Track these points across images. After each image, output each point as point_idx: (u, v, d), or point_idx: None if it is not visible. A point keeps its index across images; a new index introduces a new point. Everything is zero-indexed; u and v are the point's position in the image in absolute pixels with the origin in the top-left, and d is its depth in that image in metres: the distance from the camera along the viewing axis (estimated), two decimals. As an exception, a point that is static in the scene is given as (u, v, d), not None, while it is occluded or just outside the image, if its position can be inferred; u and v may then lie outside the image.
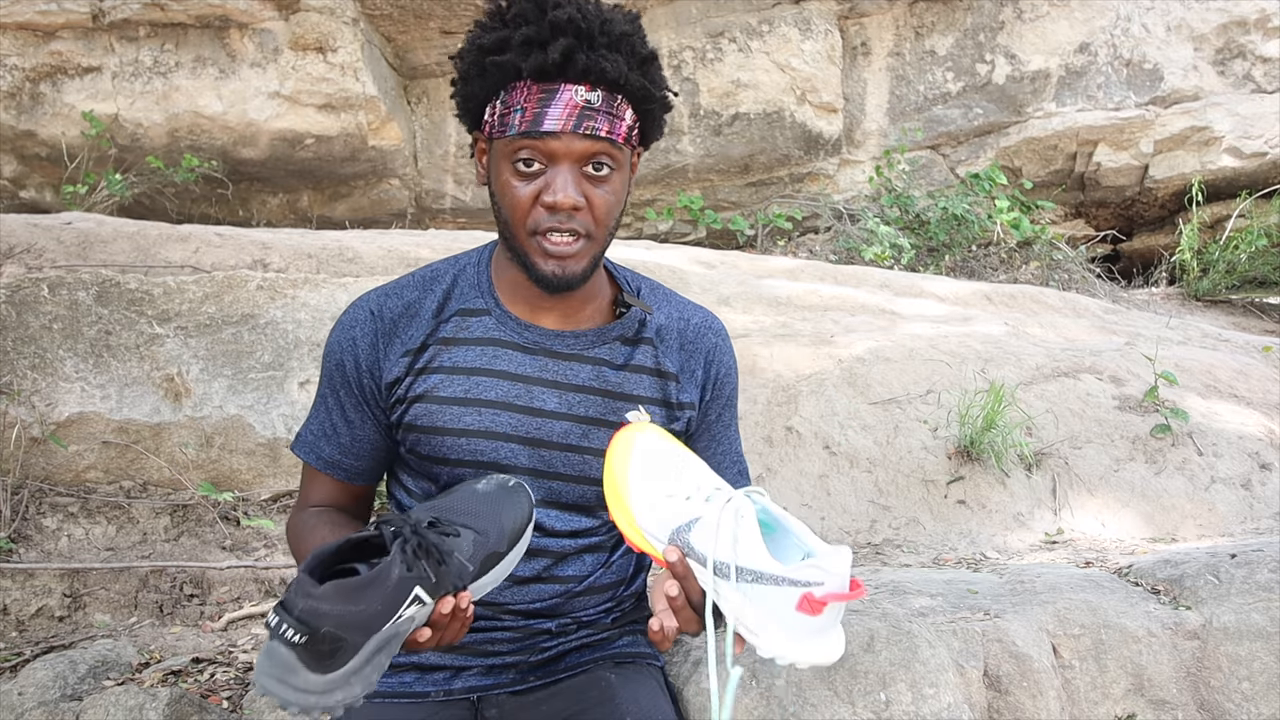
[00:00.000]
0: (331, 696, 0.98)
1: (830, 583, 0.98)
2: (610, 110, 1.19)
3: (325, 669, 0.97)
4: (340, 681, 0.98)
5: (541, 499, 1.29)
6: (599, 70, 1.16)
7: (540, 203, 1.18)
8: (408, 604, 1.01)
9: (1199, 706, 1.60)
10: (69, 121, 5.00)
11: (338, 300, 2.73)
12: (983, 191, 5.58)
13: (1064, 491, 2.64)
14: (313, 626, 0.96)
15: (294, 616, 0.96)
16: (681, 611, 1.08)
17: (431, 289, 1.31)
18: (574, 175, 1.18)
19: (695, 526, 1.07)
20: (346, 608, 0.98)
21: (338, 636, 0.97)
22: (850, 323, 3.49)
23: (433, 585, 1.03)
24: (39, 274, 2.72)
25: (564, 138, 1.16)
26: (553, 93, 1.17)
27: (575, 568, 1.32)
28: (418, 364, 1.27)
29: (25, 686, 1.53)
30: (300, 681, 0.97)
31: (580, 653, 1.34)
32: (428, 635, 1.05)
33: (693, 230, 5.91)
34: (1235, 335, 4.18)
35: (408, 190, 5.65)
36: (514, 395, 1.26)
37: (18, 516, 2.18)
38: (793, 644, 1.01)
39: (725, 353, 1.39)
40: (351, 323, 1.29)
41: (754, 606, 1.02)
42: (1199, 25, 5.80)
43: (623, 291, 1.34)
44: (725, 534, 1.03)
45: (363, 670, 1.00)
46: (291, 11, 5.00)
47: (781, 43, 5.64)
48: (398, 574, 1.01)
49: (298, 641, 0.96)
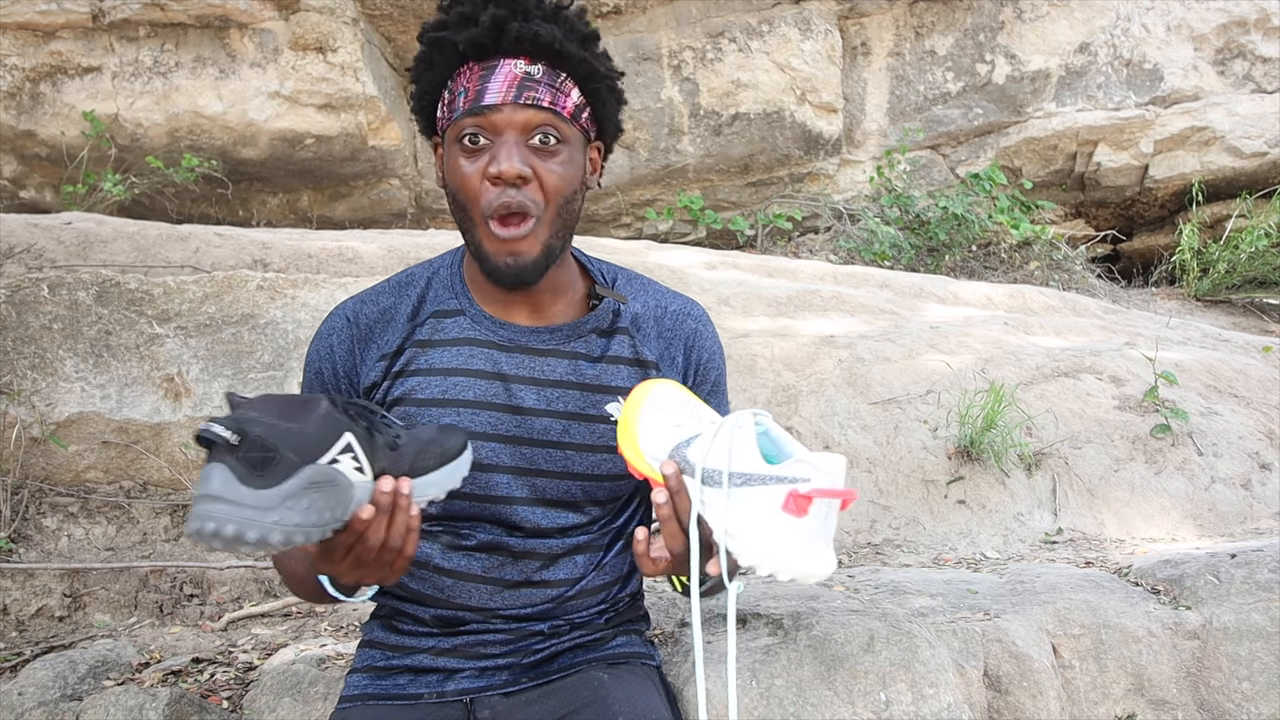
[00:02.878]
0: (266, 515, 0.93)
1: (817, 479, 0.94)
2: (552, 84, 1.19)
3: (259, 484, 0.93)
4: (275, 499, 0.94)
5: (526, 497, 1.28)
6: (533, 37, 1.17)
7: (486, 176, 1.18)
8: (341, 449, 0.99)
9: (1199, 706, 1.60)
10: (69, 121, 5.00)
11: (337, 300, 2.72)
12: (983, 191, 5.58)
13: (1064, 491, 2.64)
14: (244, 427, 0.93)
15: (226, 419, 0.94)
16: (667, 523, 1.08)
17: (406, 293, 1.32)
18: (518, 147, 1.18)
19: (694, 442, 1.05)
20: (275, 420, 0.95)
21: (269, 444, 0.94)
22: (850, 323, 3.49)
23: (366, 441, 1.02)
24: (39, 274, 2.72)
25: (505, 109, 1.17)
26: (492, 69, 1.18)
27: (566, 570, 1.31)
28: (395, 368, 1.28)
29: (25, 686, 1.53)
30: (234, 494, 0.92)
31: (573, 653, 1.33)
32: (370, 513, 1.03)
33: (693, 230, 5.91)
34: (1235, 335, 4.18)
35: (408, 190, 5.65)
36: (492, 394, 1.26)
37: (18, 516, 2.18)
38: (776, 551, 0.96)
39: (707, 338, 1.38)
40: (329, 331, 1.30)
41: (739, 510, 0.98)
42: (1199, 25, 5.80)
43: (596, 284, 1.34)
44: (720, 444, 1.01)
45: (299, 498, 0.95)
46: (291, 11, 5.00)
47: (781, 43, 5.64)
48: (326, 406, 0.99)
49: (230, 441, 0.92)
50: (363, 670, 1.32)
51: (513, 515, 1.28)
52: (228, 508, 0.92)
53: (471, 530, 1.29)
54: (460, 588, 1.29)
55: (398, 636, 1.32)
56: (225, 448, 0.93)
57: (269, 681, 1.58)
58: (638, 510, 1.40)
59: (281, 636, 1.93)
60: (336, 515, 1.00)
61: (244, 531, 0.92)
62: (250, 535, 0.92)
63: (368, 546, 1.06)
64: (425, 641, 1.31)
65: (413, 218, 5.76)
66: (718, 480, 1.00)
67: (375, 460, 1.04)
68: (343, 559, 1.07)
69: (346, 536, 1.05)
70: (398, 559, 1.09)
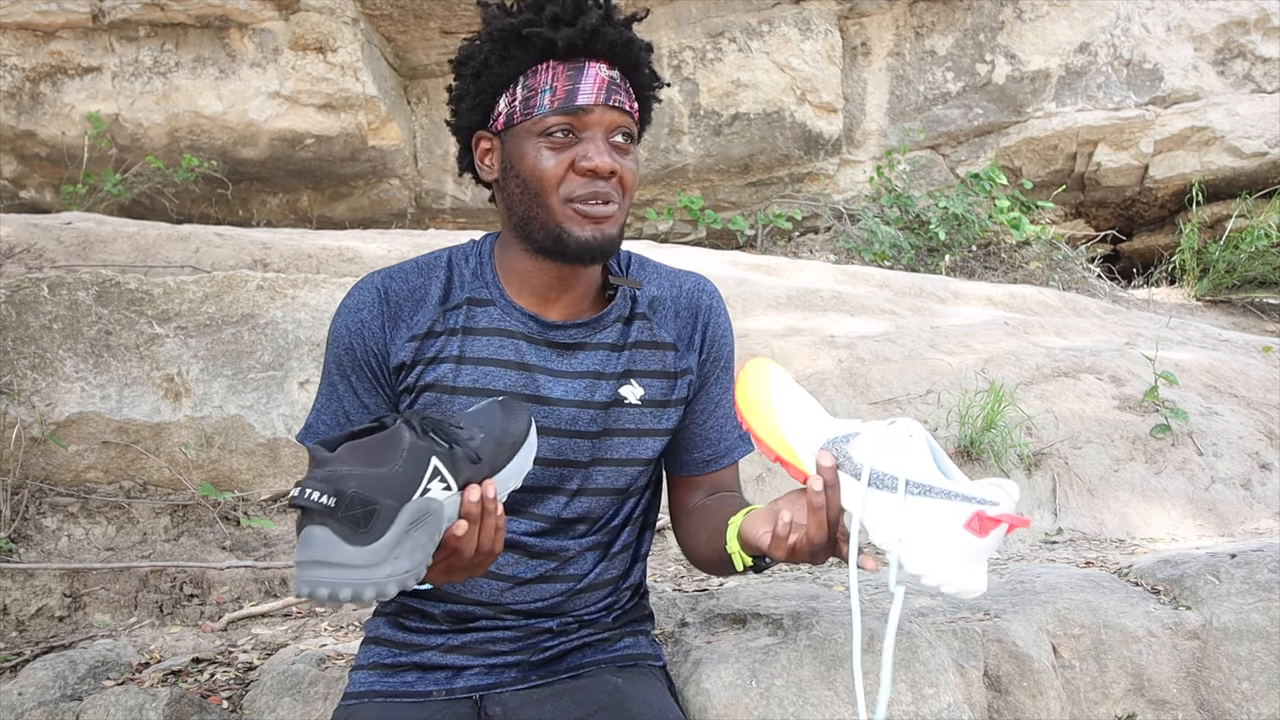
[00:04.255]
0: (379, 570, 0.91)
1: (1005, 504, 0.96)
2: (627, 89, 1.26)
3: (363, 540, 0.91)
4: (384, 552, 0.92)
5: (552, 485, 1.30)
6: (624, 44, 1.23)
7: (575, 169, 1.22)
8: (429, 475, 0.98)
9: (1199, 706, 1.60)
10: (69, 121, 5.00)
11: (337, 300, 2.73)
12: (983, 191, 5.58)
13: (1064, 491, 2.64)
14: (338, 487, 0.91)
15: (318, 481, 0.91)
16: (816, 513, 1.09)
17: (435, 274, 1.32)
18: (607, 144, 1.23)
19: (854, 439, 1.06)
20: (367, 468, 0.93)
21: (367, 499, 0.92)
22: (850, 323, 3.49)
23: (449, 459, 1.01)
24: (39, 274, 2.72)
25: (596, 110, 1.22)
26: (580, 69, 1.23)
27: (576, 565, 1.33)
28: (426, 353, 1.28)
29: (25, 686, 1.53)
30: (342, 556, 0.90)
31: (581, 653, 1.34)
32: (464, 528, 1.04)
33: (693, 230, 5.91)
34: (1235, 335, 4.18)
35: (408, 190, 5.65)
36: (521, 384, 1.28)
37: (18, 516, 2.18)
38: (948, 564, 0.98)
39: (719, 314, 1.42)
40: (358, 305, 1.29)
41: (916, 519, 0.99)
42: (1199, 25, 5.80)
43: (610, 274, 1.36)
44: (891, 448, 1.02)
45: (403, 542, 0.94)
46: (291, 11, 5.00)
47: (781, 43, 5.64)
48: (409, 437, 0.97)
49: (328, 504, 0.90)
50: (369, 667, 1.32)
51: (535, 505, 1.30)
52: (337, 572, 0.90)
53: None
54: (472, 583, 1.29)
55: (405, 634, 1.33)
56: (323, 511, 0.91)
57: (269, 681, 1.58)
58: (640, 501, 1.40)
59: (281, 636, 1.93)
60: (435, 541, 1.00)
61: (361, 592, 0.91)
62: (368, 595, 0.91)
63: (463, 557, 1.07)
64: (434, 639, 1.31)
65: (413, 218, 5.76)
66: (890, 485, 1.01)
67: (459, 474, 1.03)
68: (436, 571, 1.07)
69: (441, 553, 1.06)
70: (489, 558, 1.11)
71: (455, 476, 1.02)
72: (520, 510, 1.30)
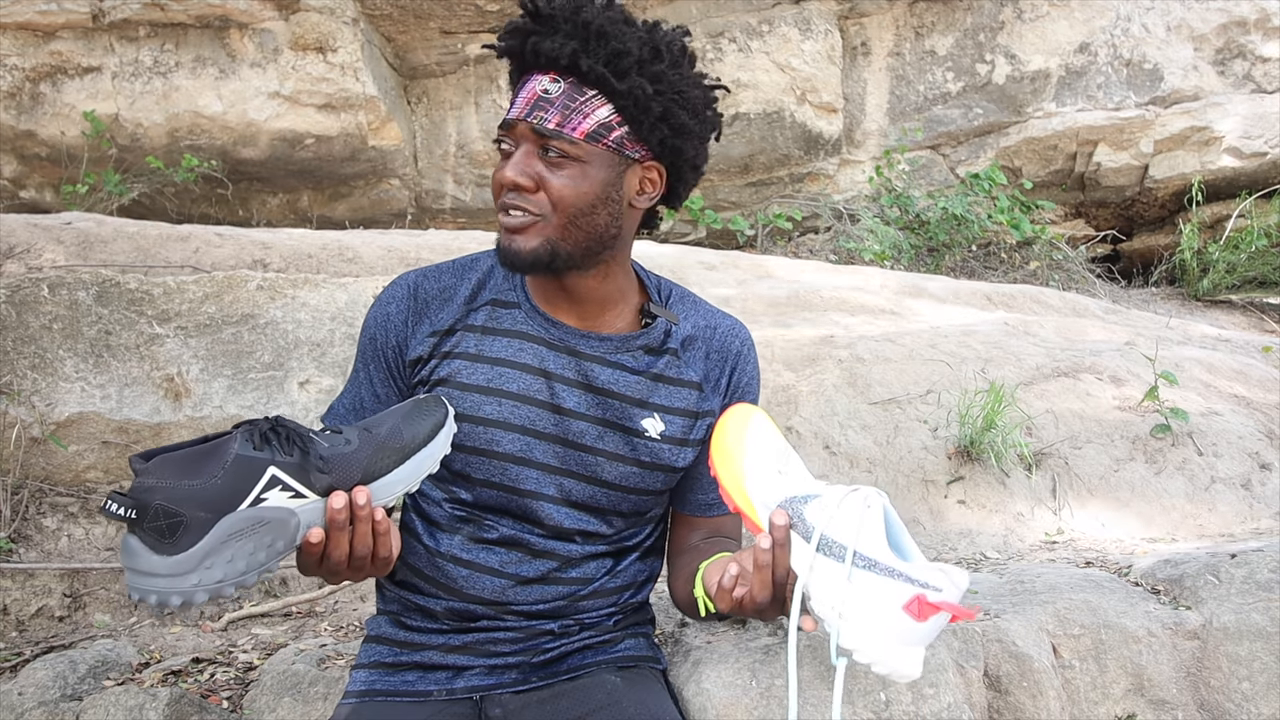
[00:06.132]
0: (185, 580, 0.92)
1: (949, 593, 0.93)
2: (570, 103, 1.19)
3: (169, 550, 0.92)
4: (191, 562, 0.93)
5: (553, 495, 1.30)
6: (548, 55, 1.19)
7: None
8: (265, 485, 0.98)
9: (1199, 706, 1.60)
10: (69, 121, 5.00)
11: (337, 300, 2.73)
12: (983, 191, 5.58)
13: (1064, 491, 2.64)
14: (141, 501, 0.92)
15: (125, 494, 0.93)
16: (761, 570, 1.07)
17: (468, 276, 1.34)
18: (526, 158, 1.21)
19: (813, 502, 1.03)
20: (178, 481, 0.94)
21: (173, 511, 0.93)
22: (850, 323, 3.49)
23: (297, 468, 1.00)
24: (39, 274, 2.72)
25: (519, 125, 1.21)
26: (524, 83, 1.23)
27: (580, 571, 1.33)
28: (444, 347, 1.29)
29: (25, 686, 1.53)
30: (148, 565, 0.92)
31: (582, 654, 1.34)
32: (320, 535, 1.03)
33: (693, 230, 5.91)
34: (1235, 335, 4.18)
35: (408, 190, 5.65)
36: (535, 390, 1.28)
37: (18, 516, 2.18)
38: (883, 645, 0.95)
39: (750, 362, 1.40)
40: (389, 299, 1.32)
41: (856, 593, 0.96)
42: (1199, 25, 5.80)
43: (651, 301, 1.36)
44: (846, 517, 0.99)
45: (220, 552, 0.94)
46: (291, 11, 5.00)
47: (781, 43, 5.64)
48: (237, 449, 0.97)
49: (131, 517, 0.92)
50: (369, 666, 1.32)
51: (537, 511, 1.29)
52: (145, 579, 0.93)
53: (495, 524, 1.30)
54: (475, 579, 1.29)
55: (406, 633, 1.33)
56: (131, 521, 0.93)
57: (269, 681, 1.58)
58: (657, 528, 1.41)
59: (281, 636, 1.93)
60: (278, 549, 1.00)
61: (167, 598, 0.93)
62: (174, 601, 0.93)
63: (335, 560, 1.07)
64: (435, 638, 1.31)
65: (413, 218, 5.76)
66: (837, 554, 0.98)
67: (315, 481, 1.03)
68: (317, 570, 1.09)
69: (308, 557, 1.06)
70: (371, 563, 1.10)
71: (308, 484, 1.02)
72: (522, 513, 1.30)
